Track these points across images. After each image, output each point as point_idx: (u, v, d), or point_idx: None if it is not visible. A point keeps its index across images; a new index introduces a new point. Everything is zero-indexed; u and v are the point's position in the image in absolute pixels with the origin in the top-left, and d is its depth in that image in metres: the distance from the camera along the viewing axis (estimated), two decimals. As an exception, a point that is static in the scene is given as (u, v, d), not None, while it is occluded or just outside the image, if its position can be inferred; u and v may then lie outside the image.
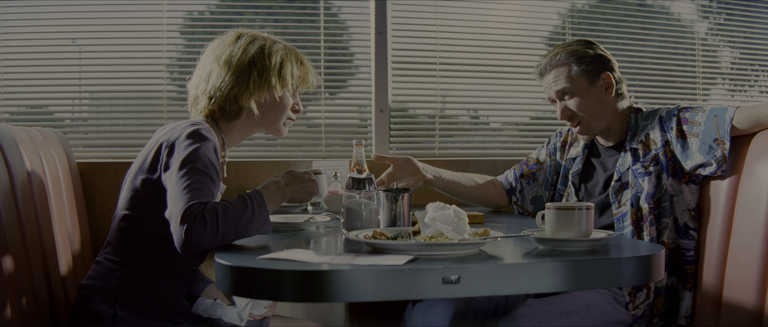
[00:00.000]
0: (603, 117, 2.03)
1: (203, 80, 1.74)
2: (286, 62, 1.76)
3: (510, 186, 2.32)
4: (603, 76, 2.02)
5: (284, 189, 1.59)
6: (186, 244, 1.36)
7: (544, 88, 2.10)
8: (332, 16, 2.82)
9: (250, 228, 1.44)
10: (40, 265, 1.77)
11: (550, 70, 2.05)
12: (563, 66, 2.02)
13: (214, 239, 1.38)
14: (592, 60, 2.01)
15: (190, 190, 1.42)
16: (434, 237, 1.33)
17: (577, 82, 2.01)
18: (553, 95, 2.07)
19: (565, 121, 2.07)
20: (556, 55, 2.04)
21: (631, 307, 1.88)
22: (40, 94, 2.63)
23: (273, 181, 1.59)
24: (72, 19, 2.62)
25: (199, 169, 1.47)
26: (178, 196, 1.42)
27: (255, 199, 1.48)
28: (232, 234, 1.41)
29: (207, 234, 1.36)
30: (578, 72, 2.01)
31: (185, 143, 1.52)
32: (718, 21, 3.19)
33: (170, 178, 1.49)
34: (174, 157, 1.52)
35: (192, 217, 1.37)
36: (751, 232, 1.71)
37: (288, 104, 1.81)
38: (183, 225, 1.37)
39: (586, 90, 2.01)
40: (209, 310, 1.78)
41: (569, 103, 2.03)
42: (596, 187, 2.07)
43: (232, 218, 1.41)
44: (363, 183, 1.63)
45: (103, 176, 2.49)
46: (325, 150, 2.77)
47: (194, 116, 1.79)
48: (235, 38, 1.76)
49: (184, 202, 1.40)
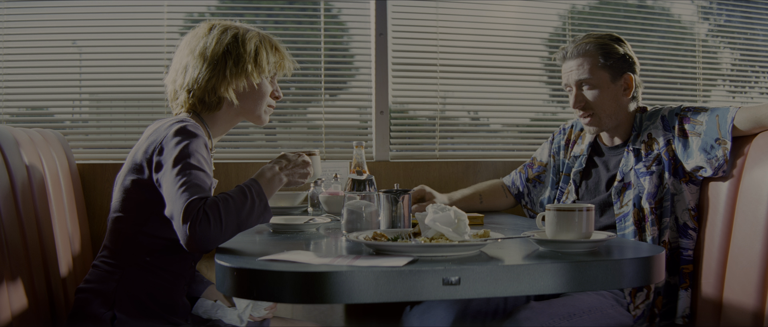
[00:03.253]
0: (614, 116, 2.02)
1: (180, 74, 1.73)
2: (261, 49, 1.75)
3: (517, 191, 2.35)
4: (625, 77, 2.01)
5: (280, 175, 1.59)
6: (191, 240, 1.37)
7: (562, 73, 2.08)
8: (332, 18, 2.82)
9: (251, 218, 1.45)
10: (40, 266, 1.77)
11: (575, 57, 2.02)
12: (590, 56, 2.00)
13: (219, 233, 1.38)
14: (619, 58, 2.00)
15: (189, 186, 1.42)
16: (435, 238, 1.33)
17: (599, 75, 2.00)
18: (571, 82, 2.04)
19: (576, 109, 2.05)
20: (585, 44, 2.01)
21: (632, 307, 1.87)
22: (40, 95, 2.63)
23: (268, 168, 1.59)
24: (72, 19, 2.62)
25: (192, 164, 1.47)
26: (176, 194, 1.42)
27: (253, 188, 1.49)
28: (235, 226, 1.42)
29: (211, 229, 1.37)
30: (603, 66, 1.99)
31: (174, 141, 1.52)
32: (719, 22, 3.19)
33: (165, 177, 1.48)
34: (165, 155, 1.51)
35: (194, 213, 1.37)
36: (751, 233, 1.71)
37: (267, 91, 1.79)
38: (186, 222, 1.37)
39: (607, 86, 2.00)
40: (209, 312, 1.78)
41: (587, 93, 2.02)
42: (598, 186, 2.07)
43: (233, 210, 1.41)
44: (363, 184, 1.63)
45: (103, 177, 2.49)
46: (325, 151, 2.77)
47: (176, 111, 1.78)
48: (207, 29, 1.75)
49: (183, 199, 1.40)
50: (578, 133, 2.23)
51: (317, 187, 2.33)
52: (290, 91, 2.79)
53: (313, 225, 1.78)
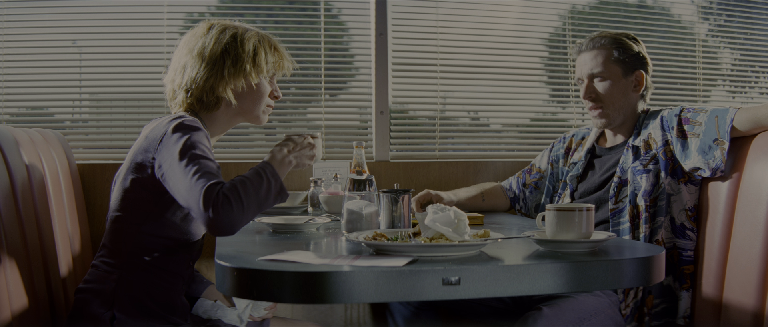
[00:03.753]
0: (622, 111, 2.05)
1: (178, 74, 1.73)
2: (260, 49, 1.75)
3: (513, 194, 2.38)
4: (637, 74, 2.05)
5: (288, 157, 1.62)
6: (215, 225, 1.38)
7: (576, 66, 2.13)
8: (332, 18, 2.82)
9: (269, 198, 1.48)
10: (40, 266, 1.77)
11: (590, 49, 2.07)
12: (604, 49, 2.05)
13: (241, 214, 1.40)
14: (633, 54, 2.05)
15: (202, 174, 1.44)
16: (434, 238, 1.33)
17: (611, 68, 2.04)
18: (584, 74, 2.08)
19: (586, 101, 2.09)
20: (601, 38, 2.06)
21: (623, 305, 1.88)
22: (40, 95, 2.63)
23: (277, 150, 1.62)
24: (72, 19, 2.61)
25: (199, 154, 1.49)
26: (190, 183, 1.43)
27: (267, 169, 1.52)
28: (256, 206, 1.44)
29: (234, 211, 1.39)
30: (616, 60, 2.04)
31: (175, 136, 1.52)
32: (719, 22, 3.19)
33: (172, 171, 1.48)
34: (168, 151, 1.51)
35: (214, 197, 1.39)
36: (751, 233, 1.71)
37: (265, 91, 1.79)
38: (208, 208, 1.38)
39: (618, 79, 2.04)
40: (209, 312, 1.78)
41: (597, 85, 2.06)
42: (592, 184, 2.08)
43: (252, 191, 1.44)
44: (363, 184, 1.63)
45: (103, 177, 2.49)
46: (325, 151, 2.77)
47: (174, 110, 1.78)
48: (206, 29, 1.75)
49: (200, 186, 1.41)
50: (578, 141, 2.25)
51: (317, 187, 2.33)
52: (290, 91, 2.79)
53: (313, 225, 1.78)
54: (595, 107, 2.07)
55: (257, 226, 1.86)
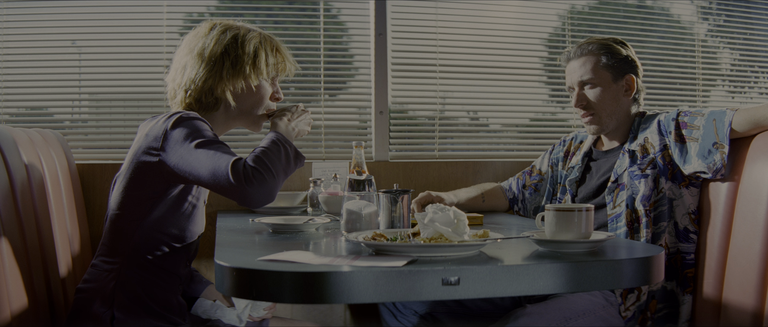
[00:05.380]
0: (615, 116, 2.05)
1: (179, 73, 1.74)
2: (261, 50, 1.74)
3: (513, 195, 2.37)
4: (626, 78, 2.05)
5: (291, 124, 1.71)
6: (248, 196, 1.43)
7: (566, 74, 2.12)
8: (332, 18, 2.82)
9: (290, 163, 1.55)
10: (40, 266, 1.76)
11: (578, 57, 2.07)
12: (592, 56, 2.04)
13: (274, 182, 1.46)
14: (621, 59, 2.04)
15: (222, 152, 1.48)
16: (434, 238, 1.33)
17: (601, 74, 2.04)
18: (574, 82, 2.08)
19: (578, 109, 2.08)
20: (589, 45, 2.06)
21: (622, 308, 1.88)
22: (39, 95, 2.63)
23: (279, 120, 1.70)
24: (72, 19, 2.61)
25: (209, 137, 1.53)
26: (213, 164, 1.46)
27: (280, 138, 1.58)
28: (283, 173, 1.51)
29: (267, 180, 1.44)
30: (605, 65, 2.03)
31: (180, 128, 1.54)
32: (718, 22, 3.19)
33: (188, 159, 1.50)
34: (177, 143, 1.52)
35: (241, 170, 1.43)
36: (750, 234, 1.71)
37: (266, 93, 1.79)
38: (237, 181, 1.42)
39: (608, 85, 2.04)
40: (208, 312, 1.78)
41: (588, 92, 2.05)
42: (590, 189, 2.07)
43: (275, 158, 1.50)
44: (362, 184, 1.63)
45: (102, 177, 2.49)
46: (324, 151, 2.77)
47: (174, 110, 1.79)
48: (208, 29, 1.75)
49: (224, 162, 1.44)
50: (578, 145, 2.25)
51: (316, 187, 2.33)
52: (290, 91, 2.79)
53: (313, 225, 1.78)
54: (587, 114, 2.06)
55: (257, 226, 1.86)
